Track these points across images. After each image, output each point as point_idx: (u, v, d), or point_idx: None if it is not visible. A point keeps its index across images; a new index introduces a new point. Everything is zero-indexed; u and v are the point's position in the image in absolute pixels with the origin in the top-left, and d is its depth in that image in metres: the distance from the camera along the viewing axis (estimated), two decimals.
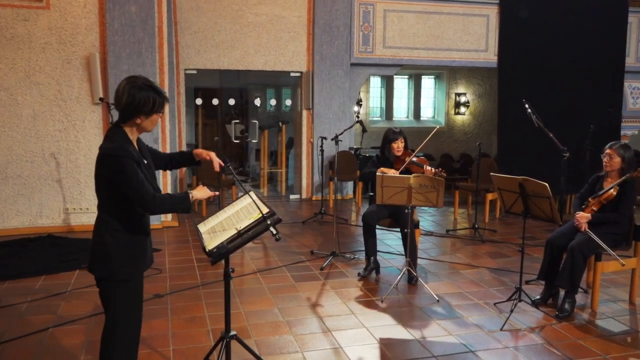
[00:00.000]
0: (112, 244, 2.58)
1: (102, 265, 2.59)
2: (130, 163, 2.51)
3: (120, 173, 2.49)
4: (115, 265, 2.58)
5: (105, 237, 2.58)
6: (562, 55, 9.33)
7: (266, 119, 12.52)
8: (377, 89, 13.53)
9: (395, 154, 5.30)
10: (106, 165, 2.51)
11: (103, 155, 2.53)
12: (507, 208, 4.46)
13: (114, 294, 2.62)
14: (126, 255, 2.60)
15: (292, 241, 6.61)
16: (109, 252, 2.58)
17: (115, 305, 2.63)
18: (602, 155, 4.53)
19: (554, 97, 9.16)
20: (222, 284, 3.27)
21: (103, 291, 2.66)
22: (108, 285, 2.63)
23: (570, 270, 4.28)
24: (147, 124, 2.64)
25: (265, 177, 10.63)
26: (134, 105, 2.55)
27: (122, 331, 2.66)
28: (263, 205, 2.88)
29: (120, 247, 2.59)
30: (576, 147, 7.14)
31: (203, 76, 9.98)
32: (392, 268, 5.59)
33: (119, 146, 2.53)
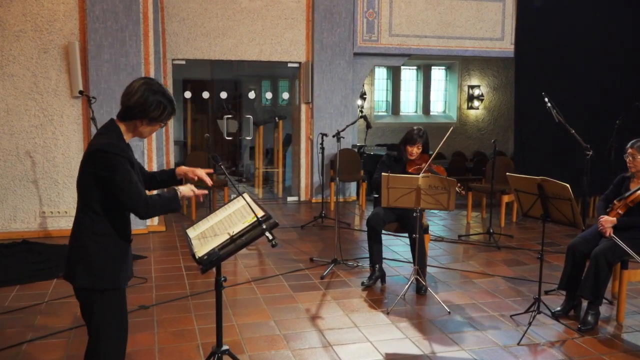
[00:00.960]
0: (94, 250, 2.57)
1: (83, 273, 2.58)
2: (123, 162, 2.52)
3: (112, 172, 2.50)
4: (99, 273, 2.58)
5: (86, 242, 2.57)
6: (586, 44, 9.33)
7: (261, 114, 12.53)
8: (382, 81, 13.54)
9: (409, 156, 5.30)
10: (97, 162, 2.51)
11: (94, 151, 2.53)
12: (524, 211, 4.47)
13: (97, 305, 2.61)
14: (110, 262, 2.60)
15: (290, 247, 6.61)
16: (90, 259, 2.57)
17: (98, 318, 2.62)
18: (625, 156, 4.53)
19: (577, 90, 9.16)
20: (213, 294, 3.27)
21: (84, 303, 2.65)
22: (90, 295, 2.62)
23: (593, 279, 4.28)
24: (146, 130, 2.67)
25: (260, 178, 10.63)
26: (144, 107, 2.58)
27: (108, 347, 2.65)
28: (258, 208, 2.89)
29: (104, 253, 2.58)
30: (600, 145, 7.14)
31: (192, 67, 9.99)
32: (399, 277, 5.59)
33: (113, 143, 2.55)
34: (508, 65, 12.74)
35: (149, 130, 2.68)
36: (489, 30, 9.79)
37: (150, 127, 2.67)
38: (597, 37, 9.38)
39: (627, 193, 4.47)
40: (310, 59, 9.22)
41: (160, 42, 8.31)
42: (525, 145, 9.20)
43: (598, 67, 9.36)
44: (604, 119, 8.46)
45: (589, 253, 4.42)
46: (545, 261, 5.67)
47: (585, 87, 9.25)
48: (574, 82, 9.23)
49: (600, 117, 8.83)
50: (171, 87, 8.79)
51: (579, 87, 9.21)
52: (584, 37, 9.34)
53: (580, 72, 9.28)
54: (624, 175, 4.67)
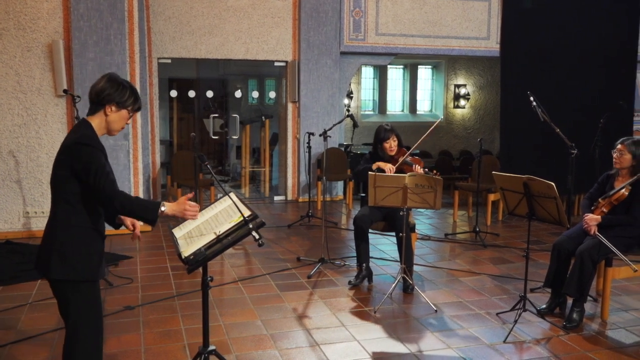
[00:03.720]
0: (67, 242, 2.60)
1: (58, 264, 2.59)
2: (98, 153, 2.58)
3: (87, 162, 2.54)
4: (73, 265, 2.59)
5: (59, 234, 2.60)
6: (570, 43, 9.41)
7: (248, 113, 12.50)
8: (369, 80, 13.57)
9: (388, 153, 5.32)
10: (72, 154, 2.56)
11: (70, 144, 2.58)
12: (510, 210, 4.50)
13: (73, 298, 2.62)
14: (84, 254, 2.62)
15: (277, 247, 6.61)
16: (64, 250, 2.59)
17: (75, 312, 2.64)
18: (613, 151, 4.58)
19: (561, 89, 9.24)
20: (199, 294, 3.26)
21: (61, 297, 2.66)
22: (65, 288, 2.63)
23: (578, 276, 4.32)
24: (115, 119, 2.71)
25: (246, 177, 10.61)
26: (109, 91, 2.65)
27: (86, 339, 2.66)
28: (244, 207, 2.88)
29: (78, 245, 2.60)
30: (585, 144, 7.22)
31: (178, 66, 9.94)
32: (386, 276, 5.61)
33: (88, 135, 2.60)
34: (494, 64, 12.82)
35: (119, 119, 2.72)
36: (475, 30, 9.85)
37: (119, 115, 2.70)
38: (582, 37, 9.47)
39: (611, 191, 4.52)
40: (297, 57, 9.21)
41: (146, 41, 8.27)
42: (511, 144, 9.27)
43: (583, 66, 9.45)
44: (589, 118, 8.55)
45: (574, 251, 4.46)
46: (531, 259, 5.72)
47: (570, 87, 9.33)
48: (559, 82, 9.31)
49: (585, 116, 8.92)
50: (157, 86, 8.75)
51: (564, 87, 9.29)
52: (569, 37, 9.42)
53: (565, 71, 9.37)
54: (609, 173, 4.72)
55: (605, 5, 9.61)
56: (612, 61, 9.63)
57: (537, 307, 4.52)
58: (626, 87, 9.90)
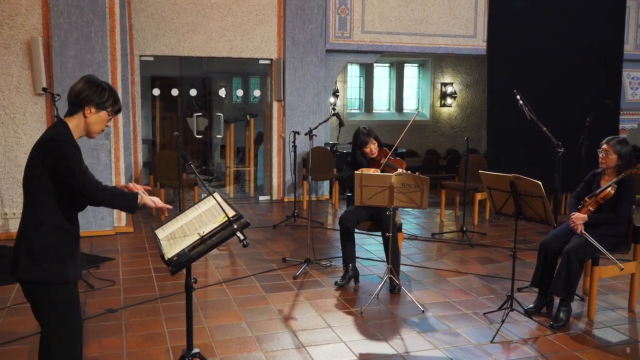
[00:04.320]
0: (38, 241, 2.57)
1: (27, 264, 2.57)
2: (72, 149, 2.57)
3: (62, 159, 2.53)
4: (43, 265, 2.57)
5: (30, 233, 2.58)
6: (557, 42, 9.50)
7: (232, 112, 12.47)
8: (355, 78, 13.59)
9: (370, 156, 5.33)
10: (46, 151, 2.55)
11: (44, 141, 2.57)
12: (497, 209, 4.53)
13: (44, 301, 2.60)
14: (55, 255, 2.60)
15: (262, 247, 6.60)
16: (34, 250, 2.56)
17: (47, 315, 2.61)
18: (599, 150, 4.62)
19: (548, 88, 9.32)
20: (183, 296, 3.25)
21: (33, 299, 2.64)
22: (36, 290, 2.60)
23: (565, 276, 4.36)
24: (95, 121, 2.69)
25: (231, 177, 10.58)
26: (88, 92, 2.64)
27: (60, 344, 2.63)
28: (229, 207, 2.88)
29: (49, 245, 2.58)
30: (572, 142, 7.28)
31: (161, 64, 9.88)
32: (373, 276, 5.62)
33: (62, 132, 2.59)
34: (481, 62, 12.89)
35: (98, 121, 2.70)
36: (461, 28, 9.90)
37: (98, 116, 2.69)
38: (568, 35, 9.55)
39: (597, 190, 4.56)
40: (282, 55, 9.20)
41: (127, 38, 8.21)
42: (498, 143, 9.33)
43: (570, 65, 9.54)
44: (576, 117, 8.63)
45: (560, 250, 4.50)
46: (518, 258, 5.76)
47: (557, 85, 9.41)
48: (545, 80, 9.38)
49: (572, 115, 9.00)
50: (139, 84, 8.69)
51: (551, 85, 9.37)
52: (555, 35, 9.50)
53: (552, 70, 9.45)
54: (595, 172, 4.76)
55: (591, 4, 9.70)
56: (599, 60, 9.73)
57: (524, 307, 4.55)
58: (612, 86, 10.01)
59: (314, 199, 9.48)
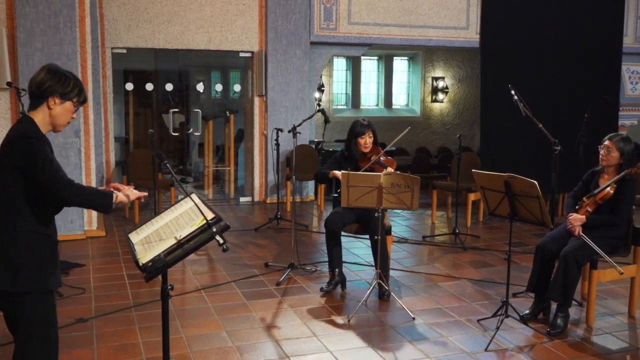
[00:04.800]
0: (14, 247, 2.54)
1: (6, 274, 2.53)
2: (43, 147, 2.54)
3: (32, 157, 2.50)
4: (20, 273, 2.53)
5: (4, 239, 2.54)
6: (554, 34, 9.57)
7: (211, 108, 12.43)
8: (341, 72, 13.61)
9: (362, 150, 5.35)
10: (15, 151, 2.51)
11: (12, 140, 2.53)
12: (491, 210, 4.56)
13: (24, 310, 2.56)
14: (32, 261, 2.56)
15: (243, 252, 6.59)
16: (10, 256, 2.52)
17: (24, 325, 2.57)
18: (600, 147, 4.66)
19: (544, 82, 9.40)
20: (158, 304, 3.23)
21: (7, 309, 2.60)
22: (12, 299, 2.56)
23: (562, 280, 4.40)
24: (60, 113, 2.66)
25: (210, 177, 10.55)
26: (51, 83, 2.62)
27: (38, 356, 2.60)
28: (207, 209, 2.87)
29: (25, 251, 2.55)
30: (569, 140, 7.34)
31: (134, 56, 9.83)
32: (361, 281, 5.64)
33: (30, 128, 2.56)
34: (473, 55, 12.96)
35: (63, 113, 2.67)
36: (453, 19, 9.95)
37: (63, 107, 2.66)
38: (565, 28, 9.63)
39: (596, 190, 4.60)
40: (264, 48, 9.19)
41: (99, 29, 8.16)
42: (492, 140, 9.39)
43: (566, 59, 9.61)
44: (573, 113, 8.71)
45: (557, 253, 4.53)
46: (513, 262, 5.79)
47: (553, 80, 9.49)
48: (541, 75, 9.46)
49: (569, 111, 9.09)
50: (111, 78, 8.64)
51: (547, 80, 9.45)
52: (551, 28, 9.57)
53: (548, 64, 9.52)
54: (594, 170, 4.80)
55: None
56: (597, 54, 9.82)
57: (519, 313, 4.58)
58: (611, 81, 10.11)
59: (298, 200, 9.48)
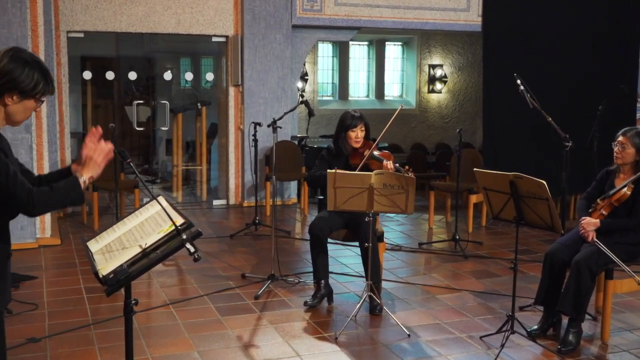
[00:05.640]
0: None
1: None
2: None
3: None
4: None
5: None
6: (564, 17, 9.58)
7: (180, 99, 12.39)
8: (327, 59, 13.62)
9: (353, 145, 5.35)
10: None
11: None
12: (495, 214, 4.57)
13: None
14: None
15: (217, 262, 6.57)
16: None
17: None
18: (613, 144, 4.70)
19: (553, 71, 9.43)
20: (121, 321, 3.21)
21: None
22: None
23: (574, 291, 4.42)
24: (18, 110, 2.58)
25: (179, 177, 10.51)
26: (11, 76, 2.50)
27: None
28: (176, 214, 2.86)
29: None
30: (581, 135, 7.40)
31: (93, 41, 9.77)
32: (349, 294, 5.64)
33: None
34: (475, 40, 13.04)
35: (22, 110, 2.59)
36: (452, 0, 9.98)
37: (22, 105, 2.57)
38: (578, 9, 9.65)
39: (611, 191, 4.63)
40: (240, 32, 9.17)
41: (52, 10, 8.10)
42: (496, 135, 9.43)
43: (579, 44, 9.65)
44: (585, 105, 8.75)
45: (569, 261, 4.56)
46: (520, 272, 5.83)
47: (564, 68, 9.52)
48: (550, 61, 9.49)
49: (581, 102, 9.13)
50: (66, 65, 8.58)
51: (556, 68, 9.48)
52: (563, 9, 9.59)
53: (558, 49, 9.55)
54: (608, 169, 4.83)
55: None
56: (613, 39, 9.87)
57: (527, 329, 4.61)
58: (628, 69, 10.18)
59: (278, 203, 9.46)
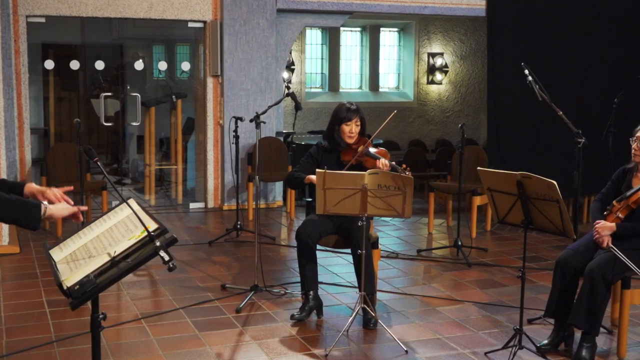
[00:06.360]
0: None
1: None
2: None
3: None
4: None
5: None
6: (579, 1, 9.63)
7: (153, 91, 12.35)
8: (316, 46, 13.62)
9: (347, 140, 5.35)
10: None
11: None
12: (501, 217, 4.59)
13: None
14: None
15: (194, 271, 6.56)
16: None
17: None
18: (631, 140, 4.72)
19: (565, 59, 9.47)
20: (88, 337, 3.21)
21: None
22: None
23: (588, 302, 4.44)
24: None
25: (152, 178, 10.47)
26: None
27: None
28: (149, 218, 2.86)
29: None
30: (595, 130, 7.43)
31: (56, 27, 9.73)
32: (341, 307, 5.65)
33: None
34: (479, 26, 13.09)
35: None
36: None
37: None
38: None
39: (629, 192, 4.65)
40: (219, 16, 9.16)
41: None
42: (501, 131, 9.44)
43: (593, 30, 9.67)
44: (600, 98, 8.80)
45: (582, 269, 4.57)
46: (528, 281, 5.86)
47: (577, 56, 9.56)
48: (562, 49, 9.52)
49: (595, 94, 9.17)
50: (26, 54, 8.53)
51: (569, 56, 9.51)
52: None
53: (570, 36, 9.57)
54: (625, 168, 4.85)
55: None
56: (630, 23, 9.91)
57: (536, 344, 4.62)
58: None
59: (262, 206, 9.46)
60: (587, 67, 9.57)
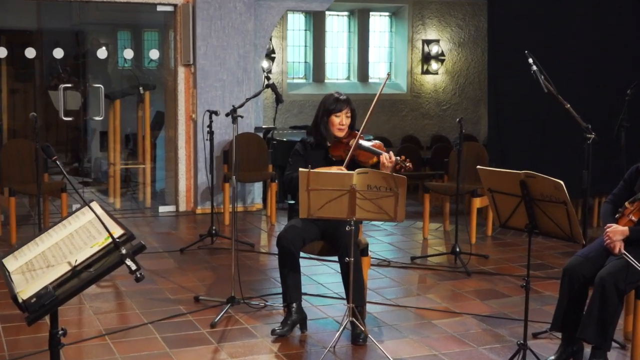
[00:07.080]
0: None
1: None
2: None
3: None
4: None
5: None
6: None
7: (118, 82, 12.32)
8: (299, 33, 13.63)
9: (336, 133, 5.34)
10: None
11: None
12: (503, 221, 4.61)
13: None
14: None
15: (164, 282, 6.55)
16: None
17: None
18: None
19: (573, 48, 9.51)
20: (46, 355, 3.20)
21: None
22: None
23: (599, 314, 4.46)
24: None
25: (117, 178, 10.44)
26: None
27: None
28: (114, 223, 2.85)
29: None
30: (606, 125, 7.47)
31: (9, 11, 9.69)
32: (327, 320, 5.65)
33: None
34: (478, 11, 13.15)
35: None
36: None
37: None
38: None
39: None
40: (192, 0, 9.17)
41: None
42: (503, 125, 9.47)
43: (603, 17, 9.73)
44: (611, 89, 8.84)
45: (592, 277, 4.60)
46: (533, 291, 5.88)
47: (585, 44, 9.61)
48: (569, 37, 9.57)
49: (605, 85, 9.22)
50: None
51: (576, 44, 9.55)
52: None
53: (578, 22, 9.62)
54: (639, 167, 4.89)
55: None
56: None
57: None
58: None
59: (240, 209, 9.46)
60: (597, 55, 9.61)
